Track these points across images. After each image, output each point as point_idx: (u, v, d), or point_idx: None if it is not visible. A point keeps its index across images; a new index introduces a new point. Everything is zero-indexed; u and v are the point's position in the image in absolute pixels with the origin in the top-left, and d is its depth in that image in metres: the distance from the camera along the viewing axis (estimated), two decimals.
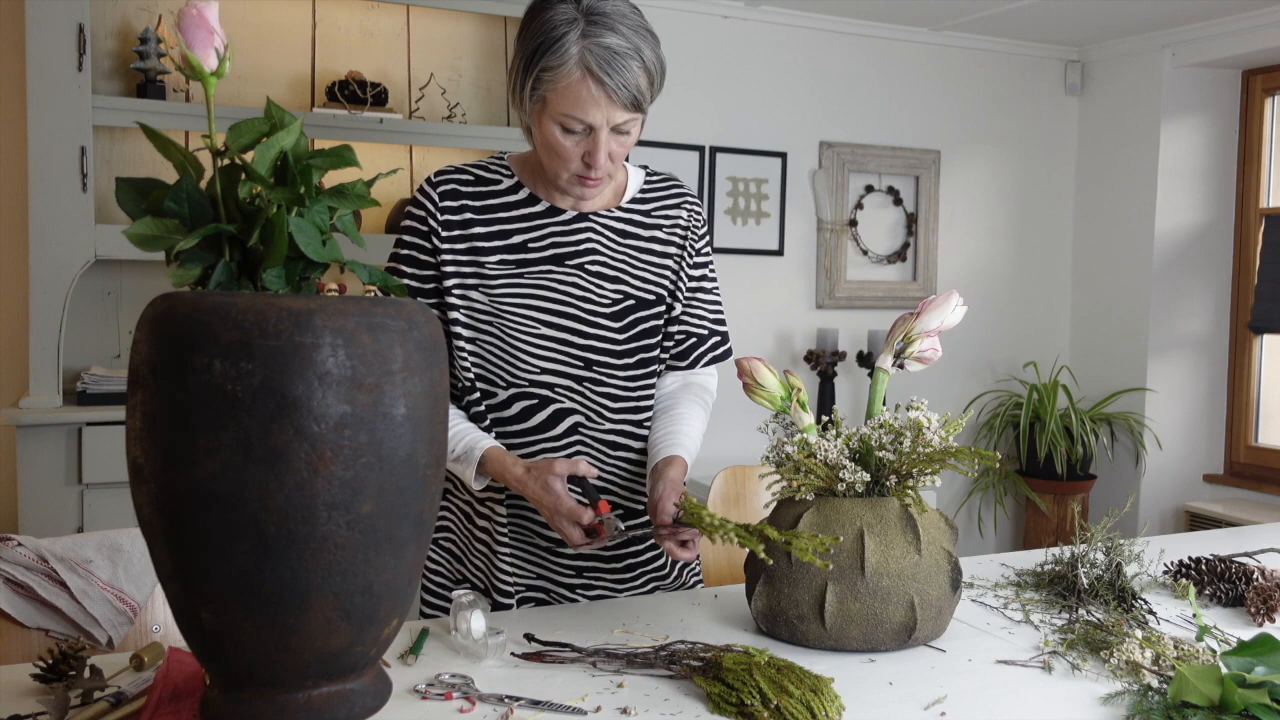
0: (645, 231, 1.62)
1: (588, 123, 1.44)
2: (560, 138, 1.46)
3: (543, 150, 1.50)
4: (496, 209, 1.56)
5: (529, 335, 1.54)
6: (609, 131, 1.45)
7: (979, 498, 4.49)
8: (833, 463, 1.37)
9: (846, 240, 4.27)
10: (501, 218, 1.56)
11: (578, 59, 1.40)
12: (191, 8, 1.05)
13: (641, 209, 1.62)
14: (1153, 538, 1.96)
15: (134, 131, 3.13)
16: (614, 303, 1.57)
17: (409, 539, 1.02)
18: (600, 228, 1.59)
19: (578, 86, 1.41)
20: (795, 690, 1.12)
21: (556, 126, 1.45)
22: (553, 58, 1.41)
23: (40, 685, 1.17)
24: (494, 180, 1.57)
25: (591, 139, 1.45)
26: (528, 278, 1.54)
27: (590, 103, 1.42)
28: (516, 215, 1.56)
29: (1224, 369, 4.41)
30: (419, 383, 0.99)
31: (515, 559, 1.60)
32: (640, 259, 1.61)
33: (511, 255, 1.55)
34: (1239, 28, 3.96)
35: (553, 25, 1.41)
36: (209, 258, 1.07)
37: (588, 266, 1.57)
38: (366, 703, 1.04)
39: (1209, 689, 1.15)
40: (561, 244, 1.56)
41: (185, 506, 0.93)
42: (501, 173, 1.58)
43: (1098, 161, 4.58)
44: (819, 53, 4.16)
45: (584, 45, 1.40)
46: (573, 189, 1.52)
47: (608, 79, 1.40)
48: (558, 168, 1.50)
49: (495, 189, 1.57)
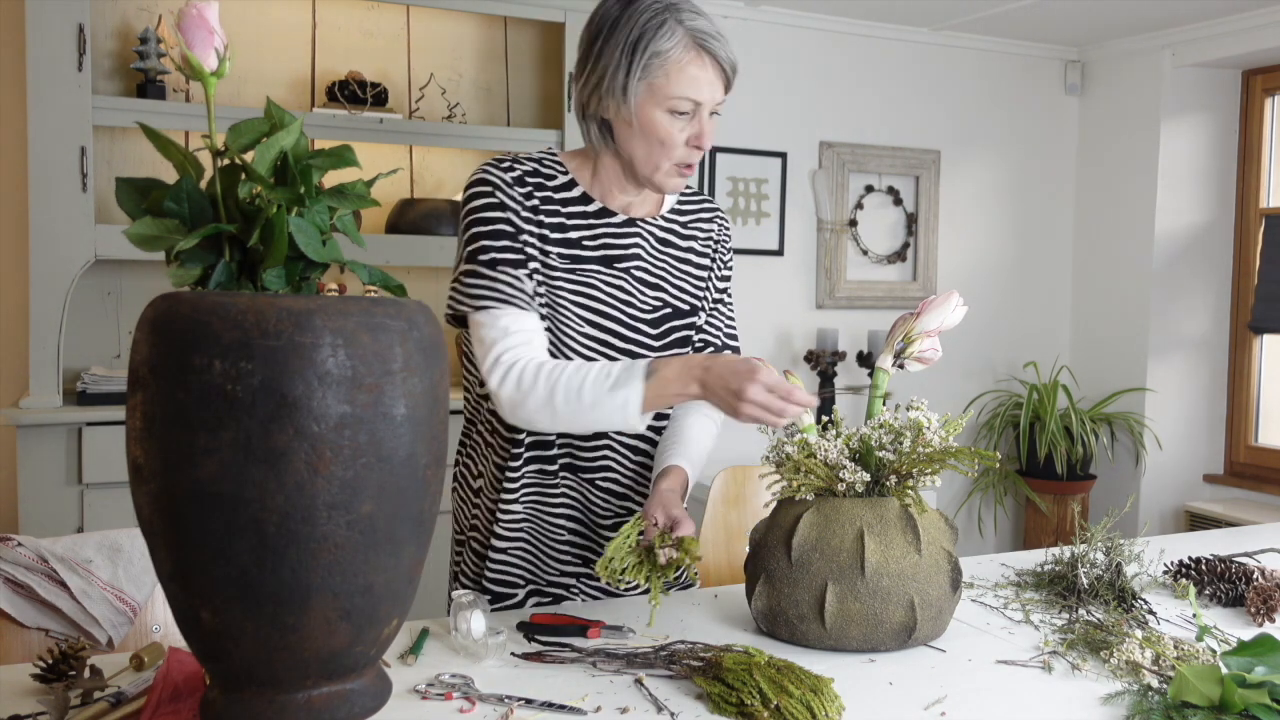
0: (683, 242, 1.65)
1: (699, 100, 1.48)
2: (668, 124, 1.48)
3: (640, 143, 1.51)
4: (555, 202, 1.56)
5: (576, 332, 1.54)
6: (707, 113, 1.50)
7: (979, 498, 4.49)
8: (833, 463, 1.37)
9: (846, 240, 4.27)
10: (560, 212, 1.56)
11: (686, 39, 1.46)
12: (191, 8, 1.05)
13: (680, 220, 1.66)
14: (1153, 538, 1.96)
15: (134, 131, 3.13)
16: (653, 309, 1.59)
17: (409, 539, 1.02)
18: (645, 234, 1.61)
19: (692, 64, 1.46)
20: (795, 690, 1.12)
21: (664, 112, 1.48)
22: (663, 41, 1.45)
23: (40, 685, 1.17)
24: (550, 174, 1.57)
25: (697, 120, 1.49)
26: (579, 275, 1.55)
27: (704, 79, 1.47)
28: (572, 212, 1.56)
29: (1224, 369, 4.41)
30: (419, 383, 0.99)
31: (533, 555, 1.60)
32: (678, 269, 1.63)
33: (568, 250, 1.55)
34: (1239, 28, 3.96)
35: (651, 14, 1.46)
36: (209, 258, 1.07)
37: (633, 271, 1.58)
38: (366, 703, 1.04)
39: (1209, 689, 1.15)
40: (612, 246, 1.57)
41: (185, 506, 0.93)
42: (556, 168, 1.58)
43: (1098, 161, 4.58)
44: (819, 53, 4.16)
45: (687, 27, 1.46)
46: (670, 180, 1.54)
47: (716, 52, 1.47)
48: (659, 158, 1.51)
49: (552, 183, 1.56)
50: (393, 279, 1.16)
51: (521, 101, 3.69)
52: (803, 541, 1.33)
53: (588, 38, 1.53)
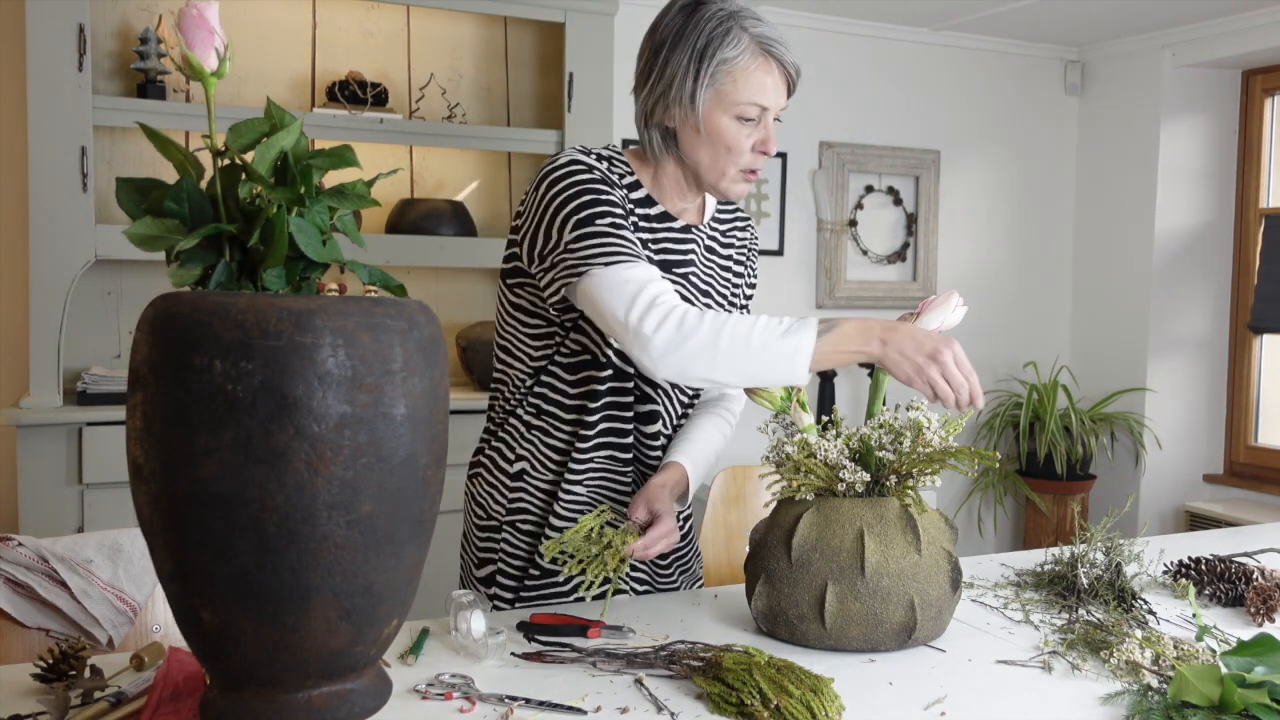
0: (724, 250, 1.67)
1: (765, 105, 1.49)
2: (735, 129, 1.49)
3: (707, 150, 1.51)
4: (630, 201, 1.56)
5: None
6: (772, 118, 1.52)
7: (979, 498, 4.49)
8: (833, 463, 1.37)
9: (846, 240, 4.27)
10: (634, 211, 1.56)
11: (753, 45, 1.47)
12: (191, 8, 1.05)
13: (721, 229, 1.68)
14: (1152, 538, 1.96)
15: (134, 131, 3.13)
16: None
17: (409, 539, 1.02)
18: (699, 242, 1.63)
19: (759, 70, 1.47)
20: (795, 690, 1.12)
21: (731, 118, 1.49)
22: (730, 48, 1.46)
23: (40, 685, 1.17)
24: (621, 173, 1.57)
25: (763, 125, 1.51)
26: None
27: (771, 85, 1.49)
28: (641, 214, 1.57)
29: (1224, 369, 4.41)
30: (419, 383, 0.99)
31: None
32: (723, 276, 1.66)
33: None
34: (1239, 28, 3.96)
35: (717, 21, 1.47)
36: (209, 258, 1.07)
37: (690, 277, 1.60)
38: (366, 703, 1.04)
39: (1209, 689, 1.15)
40: (672, 251, 1.59)
41: (185, 506, 0.93)
42: (624, 168, 1.58)
43: (1098, 161, 4.58)
44: (819, 53, 4.16)
45: (752, 34, 1.47)
46: (735, 186, 1.55)
47: (782, 57, 1.48)
48: (725, 164, 1.51)
49: (623, 181, 1.56)
50: (393, 279, 1.16)
51: (521, 101, 3.69)
52: (803, 541, 1.33)
53: (650, 48, 1.52)
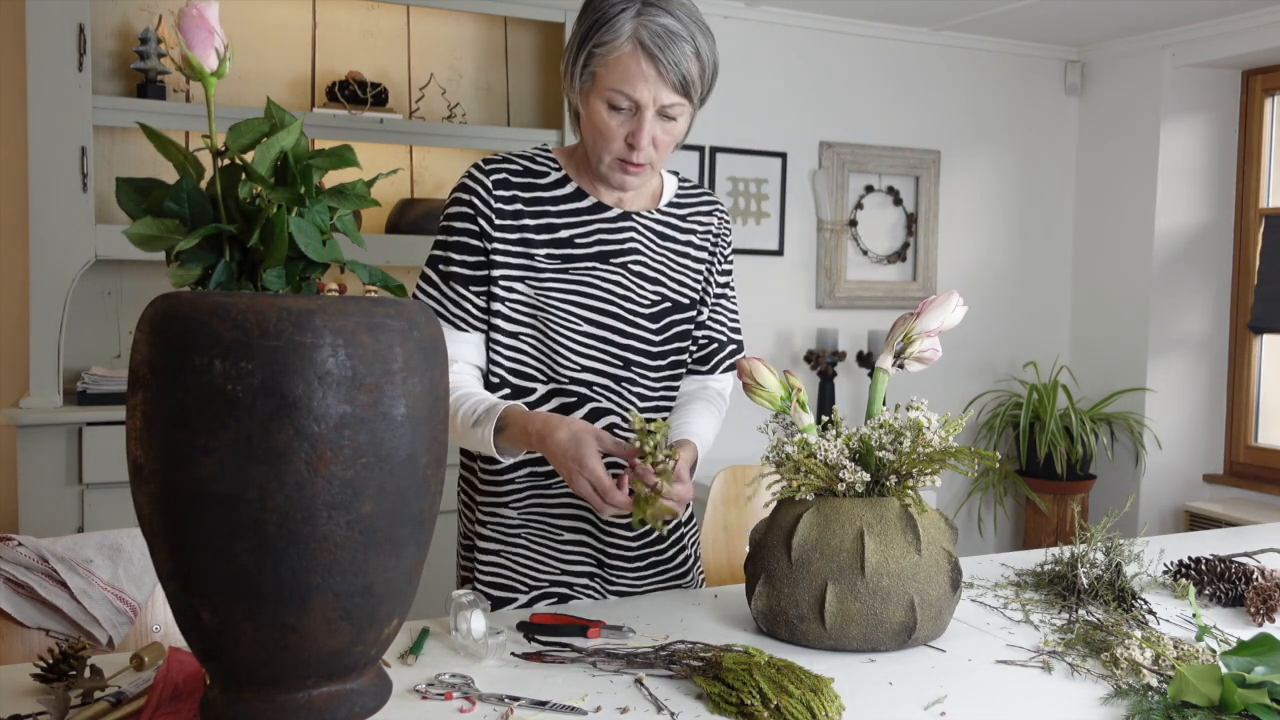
0: (681, 235, 1.64)
1: (635, 99, 1.45)
2: (606, 116, 1.47)
3: (588, 131, 1.51)
4: (545, 201, 1.56)
5: (572, 332, 1.54)
6: (655, 114, 1.47)
7: (979, 498, 4.49)
8: (833, 463, 1.37)
9: (846, 240, 4.27)
10: (549, 210, 1.55)
11: (630, 34, 1.44)
12: (191, 8, 1.05)
13: (678, 213, 1.65)
14: (1153, 538, 1.96)
15: (134, 131, 3.13)
16: (652, 304, 1.59)
17: (409, 539, 1.02)
18: (642, 228, 1.60)
19: (628, 60, 1.44)
20: (795, 690, 1.12)
21: (604, 104, 1.47)
22: (606, 33, 1.44)
23: (40, 685, 1.17)
24: (541, 172, 1.57)
25: (637, 119, 1.47)
26: (572, 273, 1.54)
27: (639, 77, 1.44)
28: (564, 210, 1.56)
29: (1224, 369, 4.41)
30: (419, 383, 0.99)
31: (533, 558, 1.60)
32: (677, 262, 1.63)
33: (558, 250, 1.54)
34: (1239, 28, 3.96)
35: (610, 4, 1.45)
36: (209, 258, 1.07)
37: (630, 266, 1.58)
38: (366, 703, 1.04)
39: (1209, 689, 1.15)
40: (607, 241, 1.57)
41: (185, 506, 0.93)
42: (548, 164, 1.58)
43: (1098, 161, 4.58)
44: (819, 53, 4.16)
45: (638, 22, 1.44)
46: (613, 174, 1.53)
47: (659, 55, 1.43)
48: (601, 149, 1.50)
49: (542, 181, 1.56)
50: (393, 279, 1.16)
51: (521, 101, 3.69)
52: (803, 541, 1.33)
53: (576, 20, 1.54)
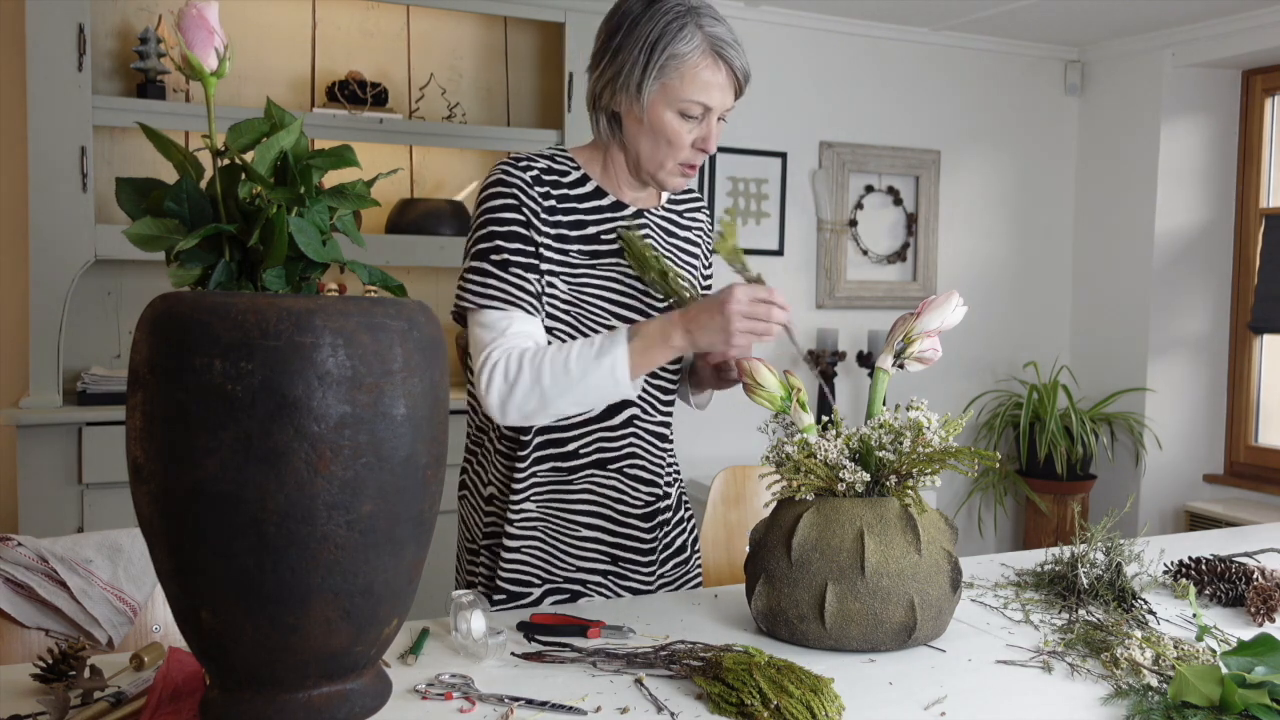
0: (682, 231, 1.69)
1: (709, 105, 1.50)
2: (677, 124, 1.51)
3: (648, 140, 1.53)
4: (571, 199, 1.57)
5: (601, 327, 1.56)
6: (716, 118, 1.53)
7: (979, 498, 4.49)
8: (833, 463, 1.37)
9: (846, 240, 4.27)
10: (577, 208, 1.57)
11: (704, 44, 1.48)
12: (191, 8, 1.05)
13: (676, 210, 1.69)
14: (1153, 538, 1.96)
15: (134, 131, 3.13)
16: (665, 298, 1.61)
17: (409, 539, 1.02)
18: (654, 225, 1.64)
19: (707, 70, 1.49)
20: (795, 690, 1.12)
21: (674, 113, 1.50)
22: (681, 44, 1.47)
23: (40, 685, 1.17)
24: (563, 171, 1.58)
25: (706, 124, 1.52)
26: (600, 269, 1.57)
27: (715, 85, 1.50)
28: (589, 207, 1.58)
29: (1224, 369, 4.41)
30: (419, 383, 0.99)
31: (550, 553, 1.60)
32: (681, 257, 1.68)
33: (587, 246, 1.56)
34: (1239, 28, 3.96)
35: (673, 15, 1.48)
36: (209, 258, 1.07)
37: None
38: (366, 703, 1.04)
39: (1209, 689, 1.15)
40: None
41: (185, 506, 0.93)
42: (568, 164, 1.59)
43: (1098, 161, 4.58)
44: (819, 53, 4.16)
45: (704, 31, 1.48)
46: (672, 178, 1.56)
47: (735, 60, 1.50)
48: (664, 156, 1.53)
49: (566, 180, 1.58)
50: (393, 279, 1.16)
51: (521, 101, 3.69)
52: (803, 541, 1.33)
53: (606, 31, 1.54)
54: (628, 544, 1.63)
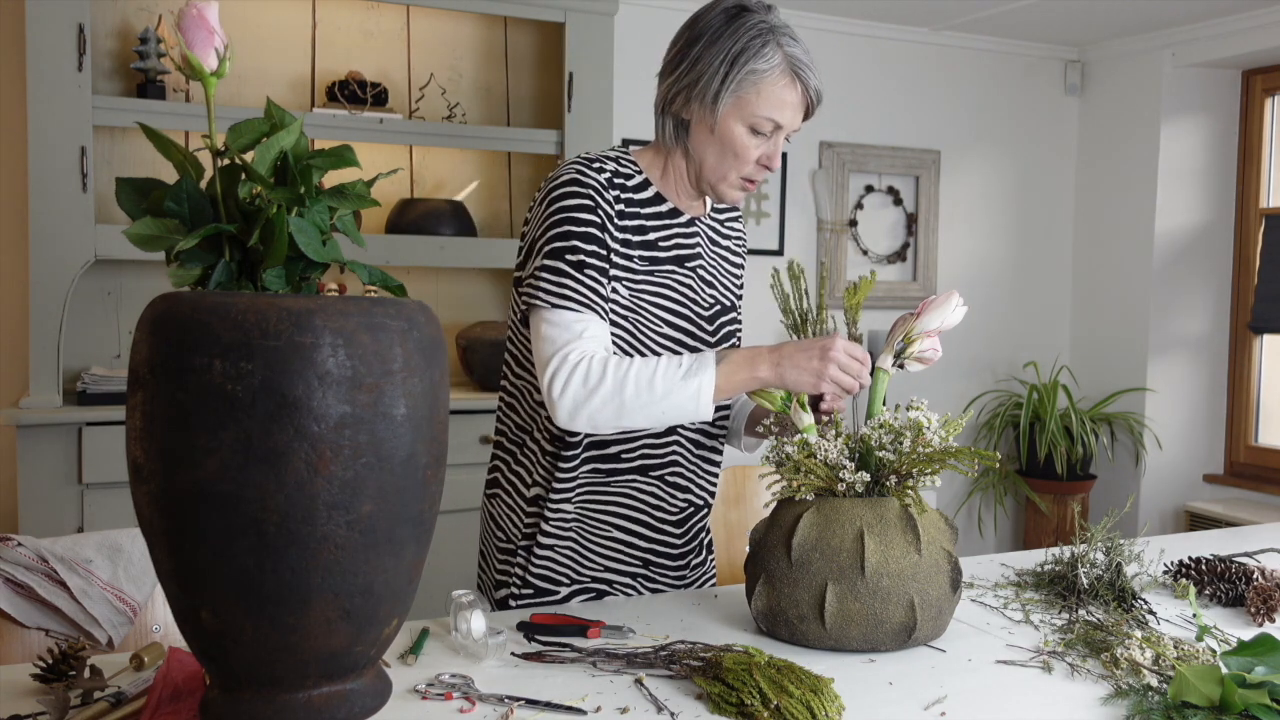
0: (724, 240, 1.71)
1: (781, 123, 1.52)
2: (746, 139, 1.52)
3: (714, 150, 1.54)
4: (635, 204, 1.57)
5: (656, 334, 1.56)
6: (783, 137, 1.55)
7: (979, 498, 4.49)
8: (833, 463, 1.37)
9: (846, 240, 4.27)
10: (640, 213, 1.57)
11: (784, 63, 1.50)
12: (191, 8, 1.05)
13: (718, 219, 1.71)
14: (1153, 538, 1.96)
15: (134, 131, 3.13)
16: (710, 306, 1.64)
17: (409, 539, 1.02)
18: (703, 234, 1.65)
19: (783, 88, 1.50)
20: (795, 690, 1.12)
21: (745, 127, 1.52)
22: (761, 61, 1.49)
23: (40, 685, 1.17)
24: (628, 174, 1.58)
25: (774, 141, 1.54)
26: (657, 276, 1.57)
27: (789, 104, 1.52)
28: (649, 213, 1.58)
29: (1224, 369, 4.41)
30: (419, 383, 0.99)
31: (582, 553, 1.60)
32: (725, 266, 1.70)
33: (647, 252, 1.57)
34: (1239, 28, 3.96)
35: (756, 31, 1.49)
36: (209, 258, 1.07)
37: (699, 270, 1.62)
38: (366, 703, 1.04)
39: (1209, 689, 1.15)
40: (683, 245, 1.61)
41: (185, 506, 0.93)
42: (631, 167, 1.59)
43: (1098, 161, 4.58)
44: (819, 53, 4.12)
45: (786, 52, 1.50)
46: (731, 191, 1.58)
47: (810, 81, 1.52)
48: (728, 168, 1.54)
49: (630, 183, 1.58)
50: (393, 279, 1.16)
51: (521, 101, 3.69)
52: (803, 541, 1.33)
53: (686, 39, 1.54)
54: (660, 548, 1.64)
